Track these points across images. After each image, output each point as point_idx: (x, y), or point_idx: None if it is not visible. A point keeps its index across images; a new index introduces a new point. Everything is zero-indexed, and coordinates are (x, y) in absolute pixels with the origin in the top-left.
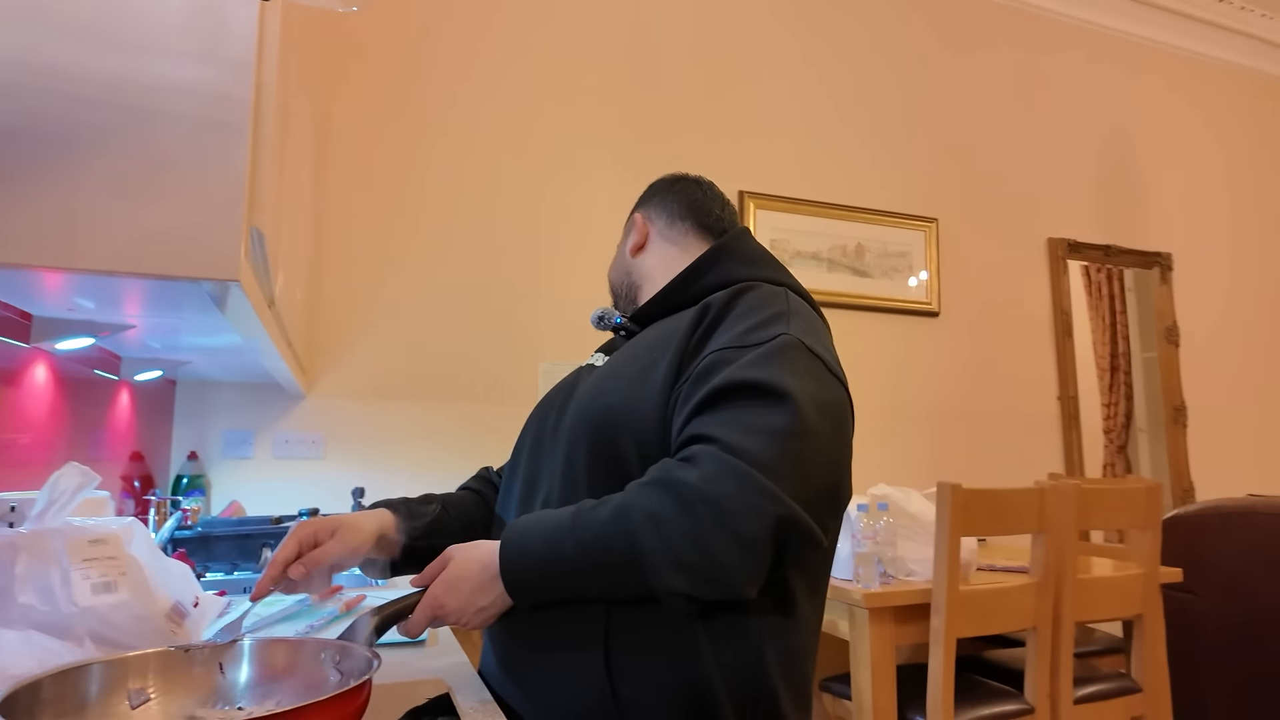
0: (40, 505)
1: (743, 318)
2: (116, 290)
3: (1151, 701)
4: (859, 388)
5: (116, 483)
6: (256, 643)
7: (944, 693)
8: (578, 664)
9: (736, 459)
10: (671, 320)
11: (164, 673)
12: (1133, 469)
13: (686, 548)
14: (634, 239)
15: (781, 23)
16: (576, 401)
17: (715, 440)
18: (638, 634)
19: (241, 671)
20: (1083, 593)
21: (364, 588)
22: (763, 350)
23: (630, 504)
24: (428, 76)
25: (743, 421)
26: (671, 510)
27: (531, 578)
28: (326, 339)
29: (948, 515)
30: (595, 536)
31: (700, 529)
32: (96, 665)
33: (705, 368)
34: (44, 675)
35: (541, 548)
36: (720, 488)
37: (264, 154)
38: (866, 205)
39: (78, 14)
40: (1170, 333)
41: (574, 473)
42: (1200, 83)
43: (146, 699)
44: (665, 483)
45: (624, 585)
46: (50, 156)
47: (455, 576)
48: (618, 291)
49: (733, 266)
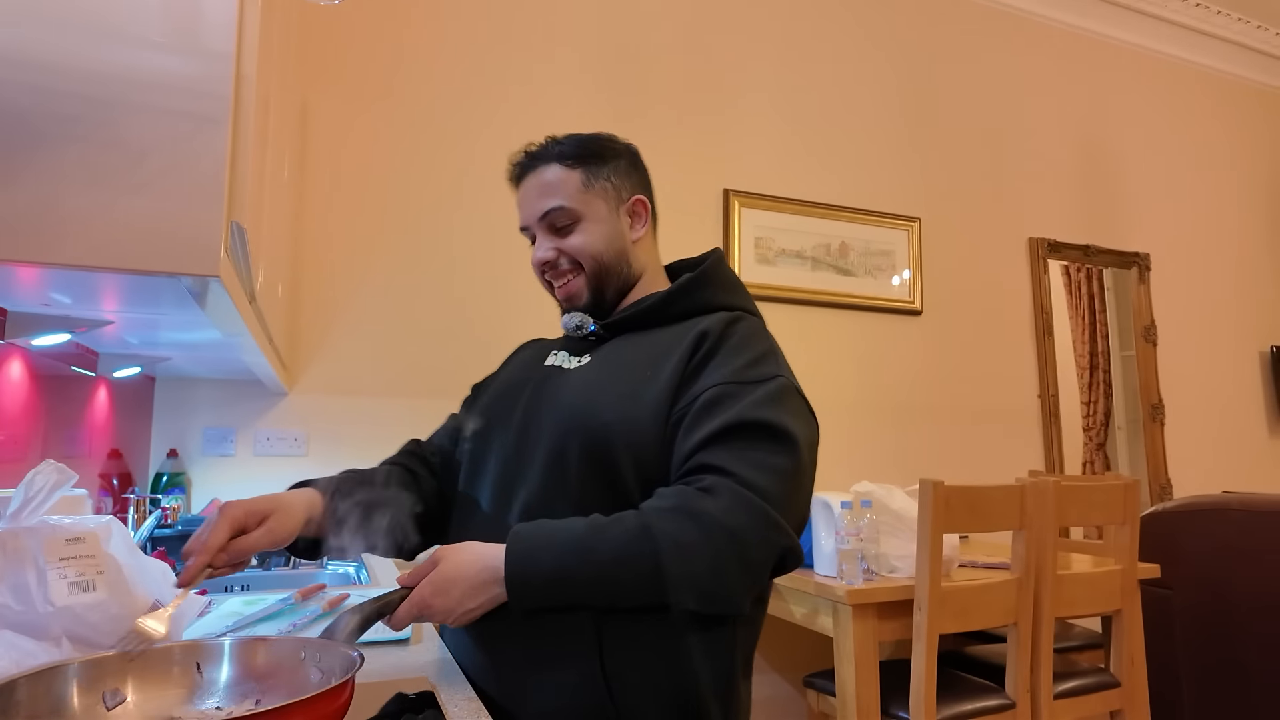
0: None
1: (737, 351)
2: (94, 285)
3: (1129, 696)
4: (842, 386)
5: (95, 481)
6: (235, 641)
7: (927, 688)
8: (574, 669)
9: (750, 493)
10: (657, 337)
11: (141, 673)
12: (1111, 466)
13: (704, 572)
14: (641, 225)
15: (765, 21)
16: (562, 410)
17: (731, 474)
18: (633, 643)
19: (221, 671)
20: (1062, 588)
21: (347, 586)
22: (766, 391)
23: (653, 526)
24: (409, 69)
25: (754, 458)
26: (694, 537)
27: (538, 585)
28: (308, 335)
29: (930, 512)
30: (616, 556)
31: (719, 557)
32: (73, 665)
33: (711, 400)
34: (19, 676)
35: (552, 560)
36: (737, 520)
37: (244, 147)
38: (850, 204)
39: (54, 4)
40: (1148, 332)
41: (563, 482)
42: (1177, 85)
43: (122, 699)
44: (688, 511)
45: (632, 599)
46: (25, 149)
47: (445, 578)
48: (605, 270)
49: (714, 293)
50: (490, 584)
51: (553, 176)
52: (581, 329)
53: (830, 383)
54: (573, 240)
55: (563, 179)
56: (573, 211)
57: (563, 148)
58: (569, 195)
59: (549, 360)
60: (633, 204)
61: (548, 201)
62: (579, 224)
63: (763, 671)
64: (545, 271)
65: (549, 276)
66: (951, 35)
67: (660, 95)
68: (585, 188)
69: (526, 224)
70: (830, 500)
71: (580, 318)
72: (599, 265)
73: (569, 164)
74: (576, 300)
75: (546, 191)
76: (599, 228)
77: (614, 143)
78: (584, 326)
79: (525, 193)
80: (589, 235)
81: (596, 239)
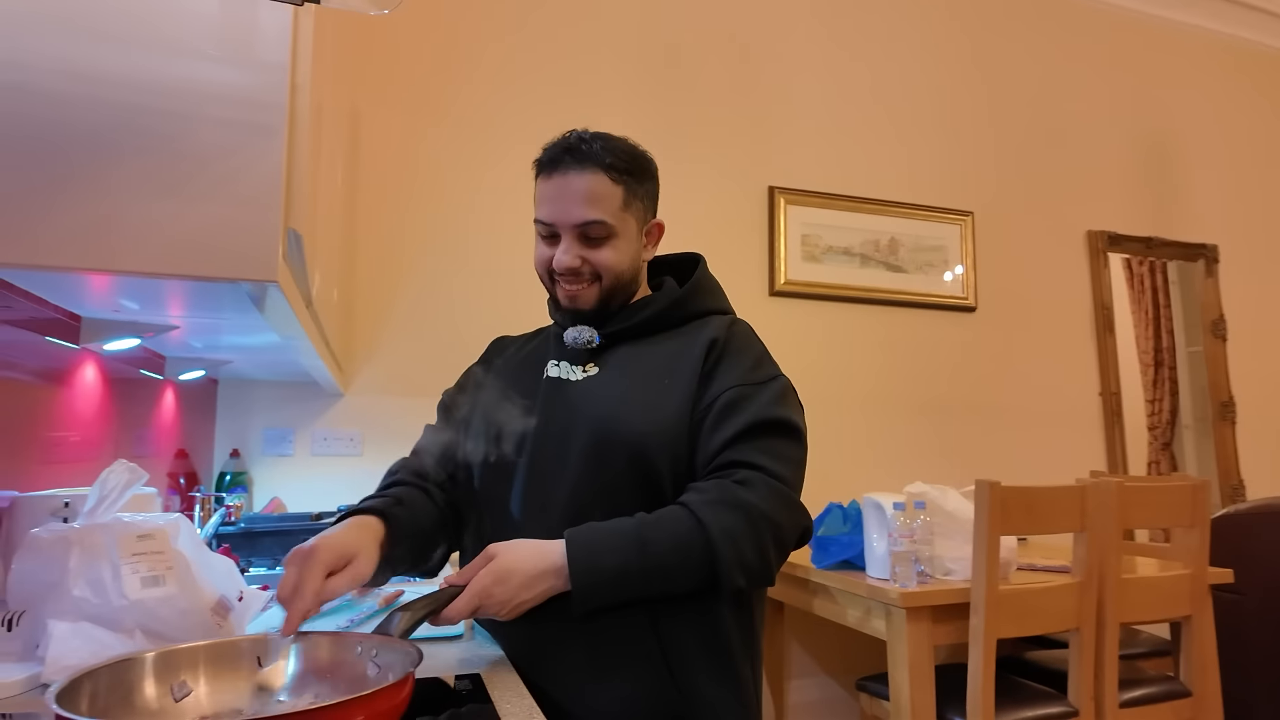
0: (92, 501)
1: (741, 354)
2: (159, 291)
3: (1201, 705)
4: (894, 385)
5: (163, 479)
6: (298, 637)
7: (984, 693)
8: (638, 659)
9: (779, 483)
10: (662, 345)
11: (211, 666)
12: (1178, 467)
13: (751, 556)
14: (653, 246)
15: (810, 15)
16: (595, 422)
17: (760, 468)
18: (685, 628)
19: (285, 665)
20: (1127, 593)
21: (403, 583)
22: (774, 391)
23: (702, 517)
24: (457, 75)
25: (776, 452)
26: (742, 526)
27: (605, 581)
28: (362, 337)
29: (986, 513)
30: (673, 545)
31: (761, 540)
32: (148, 656)
33: (729, 402)
34: (99, 666)
35: (615, 557)
36: (774, 507)
37: (299, 156)
38: (900, 199)
39: (115, 21)
40: (1217, 326)
41: (603, 488)
42: (1243, 68)
43: (189, 691)
44: (731, 502)
45: (686, 585)
46: (92, 161)
47: (504, 569)
48: (620, 286)
49: (705, 299)
50: (548, 575)
51: (600, 188)
52: (592, 343)
53: (882, 381)
54: (602, 254)
55: (608, 193)
56: (610, 228)
57: (612, 159)
58: (610, 211)
59: (551, 371)
60: (653, 227)
61: (590, 213)
62: (611, 240)
63: (814, 674)
64: (562, 275)
65: (564, 280)
66: (1001, 22)
67: (703, 94)
68: (625, 206)
69: (555, 222)
70: (883, 501)
71: (589, 333)
72: (617, 282)
73: (614, 177)
74: (582, 305)
75: (590, 201)
76: (627, 246)
77: (651, 162)
78: (592, 341)
79: (562, 190)
80: (618, 253)
81: (623, 257)
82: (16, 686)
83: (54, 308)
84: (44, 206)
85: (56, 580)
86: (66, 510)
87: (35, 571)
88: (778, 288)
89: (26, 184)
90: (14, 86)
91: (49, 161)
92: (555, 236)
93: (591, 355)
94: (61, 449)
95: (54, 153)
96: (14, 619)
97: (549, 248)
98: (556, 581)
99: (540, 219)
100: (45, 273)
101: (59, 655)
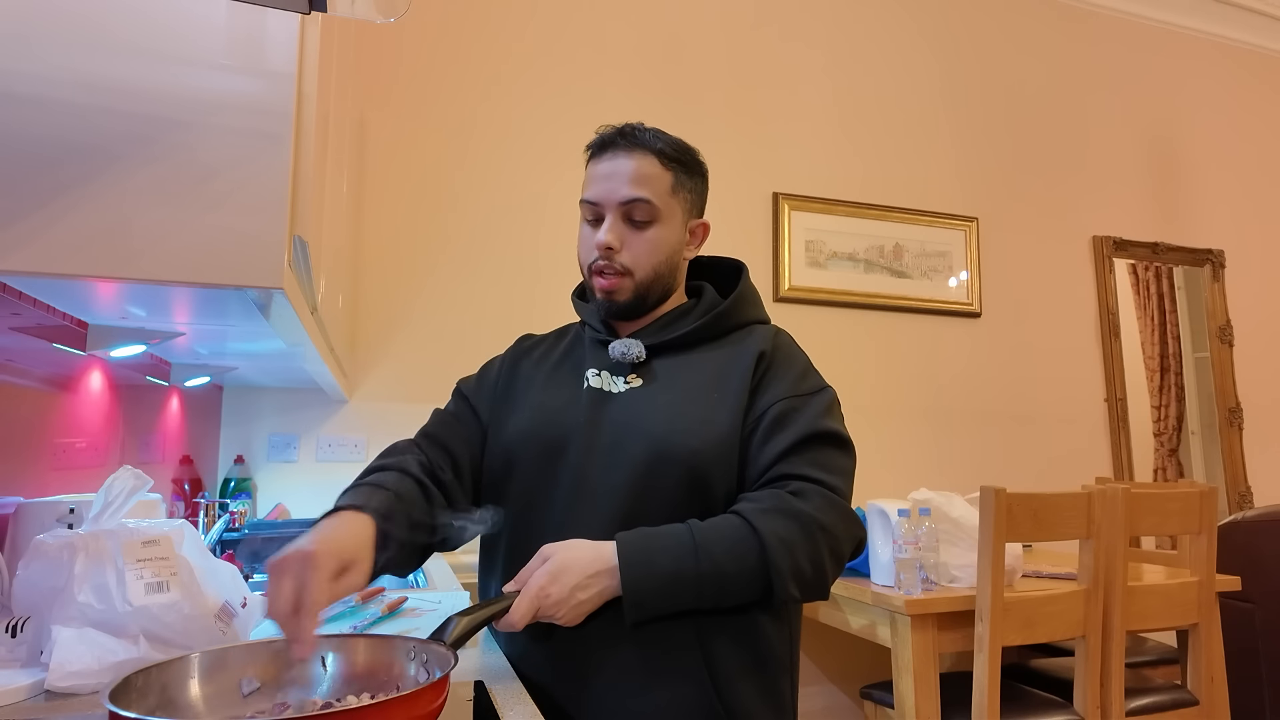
0: (97, 507)
1: (788, 366)
2: (166, 298)
3: (1209, 714)
4: (898, 390)
5: (168, 485)
6: (338, 639)
7: (990, 701)
8: (681, 671)
9: (834, 495)
10: (708, 356)
11: (262, 665)
12: (1185, 473)
13: (807, 566)
14: (696, 246)
15: (814, 20)
16: (646, 438)
17: (815, 480)
18: (730, 642)
19: (330, 665)
20: (1134, 601)
21: (406, 589)
22: (823, 402)
23: (758, 527)
24: (462, 82)
25: (828, 463)
26: (797, 536)
27: (657, 587)
28: (368, 344)
29: (991, 520)
30: (727, 552)
31: (818, 552)
32: (196, 657)
33: (780, 414)
34: (151, 666)
35: (669, 562)
36: (829, 518)
37: (305, 163)
38: (904, 205)
39: (124, 31)
40: (1223, 332)
41: (655, 502)
42: (1249, 73)
43: (256, 687)
44: (786, 511)
45: (739, 595)
46: (100, 170)
47: (559, 568)
48: (655, 280)
49: (747, 309)
50: (603, 574)
51: (650, 169)
52: (641, 358)
53: (887, 387)
54: (644, 236)
55: (657, 175)
56: (656, 209)
57: (662, 144)
58: (658, 193)
59: (592, 382)
60: (697, 226)
61: (638, 190)
62: (654, 224)
63: (819, 682)
64: (601, 258)
65: (603, 265)
66: (1006, 28)
67: (708, 99)
68: (673, 192)
69: (600, 201)
70: (887, 508)
71: (638, 348)
72: (653, 274)
73: (665, 162)
74: (617, 297)
75: (639, 181)
76: (670, 234)
77: (702, 163)
78: (641, 356)
79: (611, 170)
80: (659, 239)
81: (663, 245)
82: (21, 693)
83: (62, 314)
84: (53, 214)
85: (61, 586)
86: (72, 516)
87: (40, 577)
88: (782, 294)
89: (36, 192)
90: (23, 97)
91: (58, 170)
92: (600, 220)
93: (634, 366)
94: (67, 455)
95: (62, 161)
96: (19, 625)
97: (593, 231)
98: (612, 581)
99: (586, 199)
100: (54, 280)
101: (63, 661)
